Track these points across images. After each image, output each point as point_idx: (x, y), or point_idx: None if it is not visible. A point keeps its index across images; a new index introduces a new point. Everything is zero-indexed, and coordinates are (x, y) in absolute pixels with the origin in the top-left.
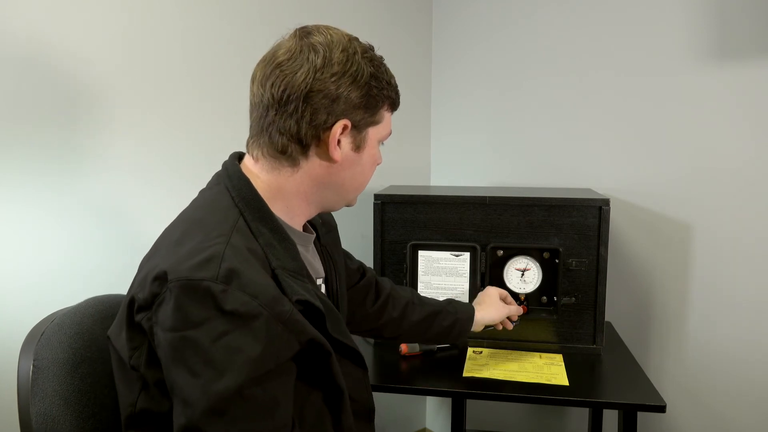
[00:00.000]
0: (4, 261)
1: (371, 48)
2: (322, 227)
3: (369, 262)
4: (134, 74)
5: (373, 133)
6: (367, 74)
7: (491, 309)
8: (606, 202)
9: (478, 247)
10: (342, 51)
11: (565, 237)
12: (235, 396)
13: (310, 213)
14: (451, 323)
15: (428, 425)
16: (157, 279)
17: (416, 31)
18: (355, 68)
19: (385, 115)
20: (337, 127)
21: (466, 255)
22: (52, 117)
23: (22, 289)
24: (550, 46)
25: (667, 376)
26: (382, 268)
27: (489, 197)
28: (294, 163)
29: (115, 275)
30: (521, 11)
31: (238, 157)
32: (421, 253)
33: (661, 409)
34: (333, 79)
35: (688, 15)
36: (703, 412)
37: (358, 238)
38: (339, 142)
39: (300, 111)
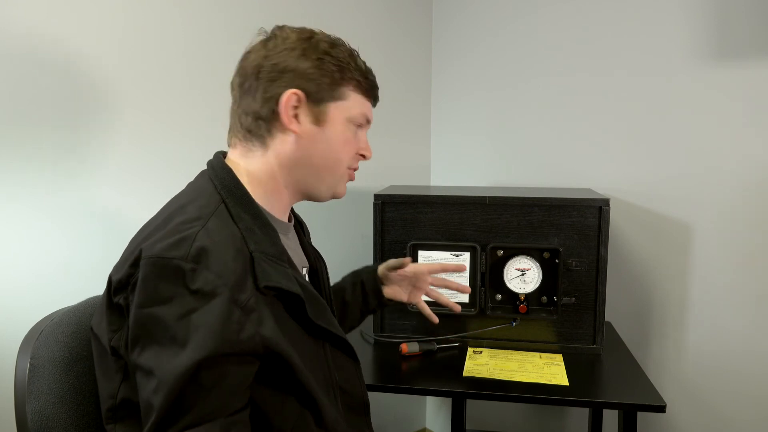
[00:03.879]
0: (5, 261)
1: (338, 40)
2: (306, 230)
3: (369, 262)
4: (133, 75)
5: (335, 109)
6: (321, 50)
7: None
8: (606, 202)
9: (478, 247)
10: (297, 33)
11: (565, 237)
12: (194, 372)
13: (290, 200)
14: (362, 291)
15: (428, 425)
16: (134, 260)
17: (416, 31)
18: (306, 45)
19: (351, 95)
20: (287, 96)
21: (466, 255)
22: (53, 117)
23: (22, 289)
24: (550, 46)
25: (667, 376)
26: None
27: (489, 197)
28: (262, 142)
29: None
30: (521, 11)
31: (224, 154)
32: (421, 253)
33: (661, 409)
34: (283, 53)
35: (688, 15)
36: (703, 412)
37: (358, 238)
38: (297, 115)
39: (254, 87)
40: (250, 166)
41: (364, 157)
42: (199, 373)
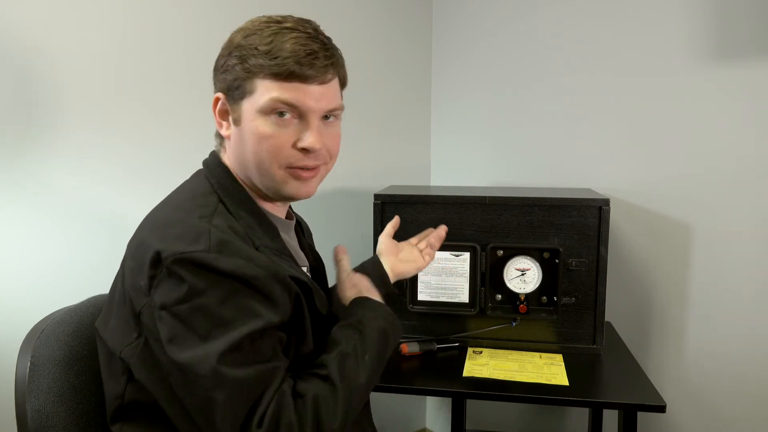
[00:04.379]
0: (5, 261)
1: (285, 23)
2: (306, 230)
3: None
4: (133, 74)
5: (247, 104)
6: (233, 45)
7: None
8: (606, 202)
9: (478, 247)
10: (235, 31)
11: (565, 237)
12: (246, 343)
13: (270, 197)
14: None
15: (428, 425)
16: (152, 261)
17: (416, 31)
18: (227, 42)
19: (260, 83)
20: (213, 101)
21: (466, 255)
22: (53, 117)
23: (22, 289)
24: (550, 46)
25: (667, 376)
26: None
27: (489, 197)
28: (222, 144)
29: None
30: (521, 11)
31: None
32: None
33: (661, 409)
34: (218, 55)
35: (688, 15)
36: (703, 412)
37: (358, 238)
38: (226, 117)
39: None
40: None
41: (306, 150)
42: (256, 342)
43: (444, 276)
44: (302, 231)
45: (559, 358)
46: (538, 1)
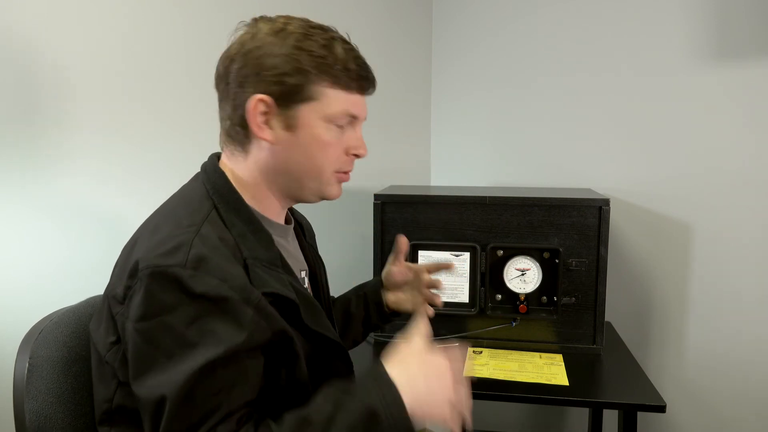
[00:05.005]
0: (5, 261)
1: (326, 29)
2: (308, 231)
3: (369, 262)
4: (133, 74)
5: (308, 111)
6: (289, 44)
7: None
8: (606, 202)
9: (478, 247)
10: (270, 26)
11: (565, 237)
12: (209, 371)
13: (281, 203)
14: (364, 303)
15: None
16: (131, 271)
17: (416, 31)
18: (274, 39)
19: (326, 92)
20: (251, 103)
21: (466, 255)
22: (52, 117)
23: (22, 289)
24: (550, 46)
25: (667, 376)
26: (383, 269)
27: (489, 197)
28: (243, 148)
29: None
30: (521, 11)
31: (219, 156)
32: (421, 253)
33: (661, 409)
34: (251, 53)
35: (688, 15)
36: (703, 412)
37: (358, 238)
38: (268, 122)
39: (226, 92)
40: (236, 170)
41: (357, 156)
42: (215, 372)
43: (444, 276)
44: (303, 232)
45: (559, 358)
46: (538, 1)
